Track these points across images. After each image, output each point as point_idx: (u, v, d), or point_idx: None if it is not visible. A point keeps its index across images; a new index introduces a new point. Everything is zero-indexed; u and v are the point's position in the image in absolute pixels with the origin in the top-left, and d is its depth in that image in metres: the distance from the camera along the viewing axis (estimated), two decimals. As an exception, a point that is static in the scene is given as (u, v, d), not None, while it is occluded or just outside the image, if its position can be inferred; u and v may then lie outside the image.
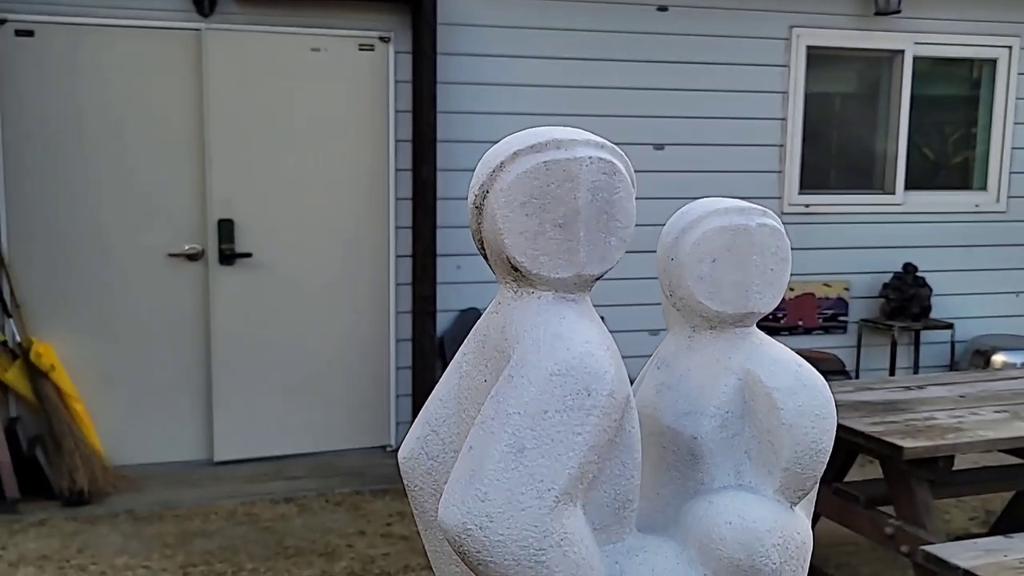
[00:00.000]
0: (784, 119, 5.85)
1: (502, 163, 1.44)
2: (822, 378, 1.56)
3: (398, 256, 5.32)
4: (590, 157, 1.43)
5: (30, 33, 4.71)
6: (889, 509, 3.53)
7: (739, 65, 5.72)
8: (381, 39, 5.18)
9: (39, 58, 4.73)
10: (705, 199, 1.63)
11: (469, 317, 5.18)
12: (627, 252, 1.49)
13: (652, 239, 1.71)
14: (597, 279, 1.47)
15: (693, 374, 1.60)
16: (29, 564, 3.91)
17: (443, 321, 5.29)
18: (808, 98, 5.90)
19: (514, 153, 1.44)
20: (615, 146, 1.48)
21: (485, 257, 1.52)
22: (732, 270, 1.58)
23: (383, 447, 5.39)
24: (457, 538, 1.33)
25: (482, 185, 1.46)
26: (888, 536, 3.44)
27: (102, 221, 4.90)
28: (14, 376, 4.72)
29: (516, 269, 1.45)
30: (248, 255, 5.09)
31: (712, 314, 1.59)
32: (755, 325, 1.63)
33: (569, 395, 1.34)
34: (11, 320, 4.76)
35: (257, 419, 5.18)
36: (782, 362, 1.56)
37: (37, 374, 4.72)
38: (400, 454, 1.63)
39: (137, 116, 4.90)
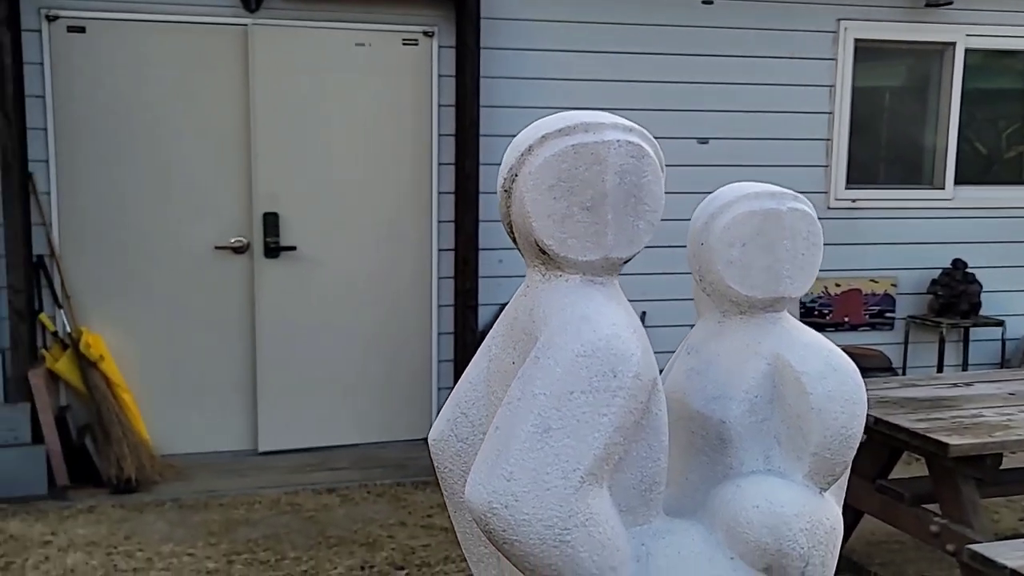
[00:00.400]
0: (831, 113, 5.77)
1: (530, 147, 1.45)
2: (853, 364, 1.54)
3: (440, 250, 5.35)
4: (618, 140, 1.43)
5: (82, 29, 4.81)
6: (935, 507, 3.47)
7: (785, 59, 5.66)
8: (425, 34, 5.21)
9: (90, 54, 4.83)
10: (735, 184, 1.62)
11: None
12: (671, 247, 1.49)
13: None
14: (625, 262, 1.47)
15: (722, 359, 1.59)
16: (78, 549, 3.99)
17: (485, 315, 5.30)
18: (856, 92, 5.82)
19: (542, 137, 1.45)
20: (644, 130, 1.47)
21: (514, 240, 1.53)
22: (762, 255, 1.57)
23: (424, 440, 5.40)
24: (483, 517, 1.33)
25: (511, 168, 1.47)
26: (934, 534, 3.39)
27: (150, 214, 4.99)
28: (64, 366, 4.83)
29: (544, 252, 1.45)
30: (292, 248, 5.15)
31: (742, 299, 1.58)
32: (786, 311, 1.62)
33: (595, 376, 1.34)
34: (62, 311, 4.86)
35: (301, 410, 5.25)
36: (812, 347, 1.54)
37: (86, 364, 4.81)
38: (430, 436, 1.65)
39: (185, 111, 4.98)
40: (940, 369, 5.96)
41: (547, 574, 1.33)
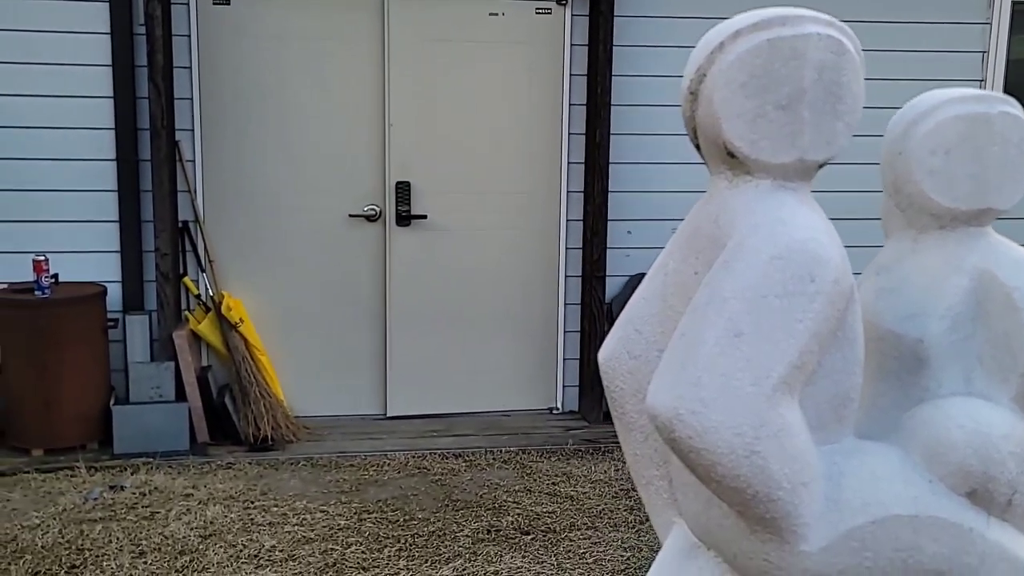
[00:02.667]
0: (982, 81, 5.48)
1: (722, 43, 1.37)
2: (1069, 279, 1.42)
3: (569, 220, 5.29)
4: (818, 34, 1.35)
5: (226, 2, 4.93)
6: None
7: (934, 24, 5.39)
8: (558, 2, 5.16)
9: (233, 26, 4.95)
10: (936, 90, 1.51)
11: (638, 282, 5.10)
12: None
13: (830, 208, 1.61)
14: (821, 166, 1.39)
15: (918, 277, 1.49)
16: (217, 503, 4.10)
17: (612, 286, 5.23)
18: (1011, 58, 5.50)
19: (735, 32, 1.37)
20: (844, 24, 1.39)
21: (697, 147, 1.46)
22: (968, 162, 1.46)
23: (550, 409, 5.39)
24: (668, 423, 1.27)
25: (699, 68, 1.40)
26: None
27: (288, 182, 5.08)
28: (207, 328, 4.97)
29: (732, 155, 1.38)
30: (423, 217, 5.18)
31: (943, 211, 1.47)
32: (990, 226, 1.51)
33: (791, 280, 1.26)
34: (204, 275, 5.01)
35: (429, 376, 5.28)
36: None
37: (227, 326, 4.95)
38: (600, 355, 1.59)
39: (323, 81, 5.05)
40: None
41: (735, 486, 1.27)
